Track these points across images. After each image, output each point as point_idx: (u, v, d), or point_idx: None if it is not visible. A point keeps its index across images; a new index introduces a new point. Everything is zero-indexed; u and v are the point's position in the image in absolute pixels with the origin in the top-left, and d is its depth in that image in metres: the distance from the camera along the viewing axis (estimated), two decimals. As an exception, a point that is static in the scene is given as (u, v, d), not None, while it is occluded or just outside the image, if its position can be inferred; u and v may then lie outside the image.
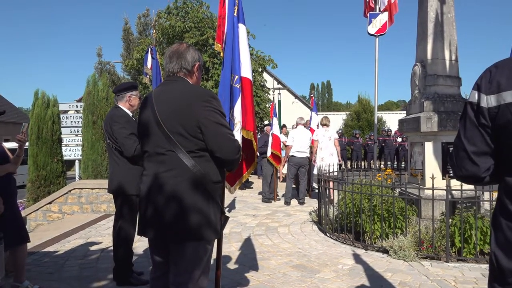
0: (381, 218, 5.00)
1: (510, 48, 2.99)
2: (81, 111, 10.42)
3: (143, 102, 2.31)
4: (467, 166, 1.33)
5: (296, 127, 8.97)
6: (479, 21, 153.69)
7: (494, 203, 4.53)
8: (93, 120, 9.51)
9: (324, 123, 8.93)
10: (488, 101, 1.23)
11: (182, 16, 16.11)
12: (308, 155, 8.66)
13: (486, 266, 4.30)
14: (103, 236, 5.91)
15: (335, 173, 7.11)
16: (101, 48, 27.79)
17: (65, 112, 12.43)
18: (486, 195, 5.07)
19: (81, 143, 10.22)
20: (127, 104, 3.87)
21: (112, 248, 3.99)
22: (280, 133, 9.98)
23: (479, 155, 1.29)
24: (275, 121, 9.78)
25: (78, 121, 11.06)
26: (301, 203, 8.66)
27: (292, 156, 8.58)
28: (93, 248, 5.26)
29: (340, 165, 9.13)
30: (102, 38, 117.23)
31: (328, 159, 8.42)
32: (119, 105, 3.87)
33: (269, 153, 9.11)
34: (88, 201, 7.80)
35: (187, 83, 2.22)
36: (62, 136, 10.03)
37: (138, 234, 2.21)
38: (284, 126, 12.74)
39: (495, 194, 5.10)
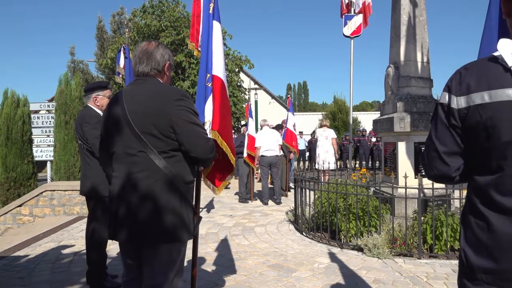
0: (356, 217, 5.08)
1: (478, 51, 3.09)
2: (53, 111, 10.15)
3: (111, 101, 2.24)
4: (438, 166, 1.36)
5: (261, 129, 9.20)
6: (449, 28, 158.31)
7: (464, 201, 4.69)
8: (66, 120, 9.28)
9: (324, 124, 10.29)
10: (458, 102, 1.25)
11: (157, 15, 15.92)
12: (277, 153, 8.80)
13: (457, 262, 4.41)
14: (76, 239, 5.76)
15: (330, 167, 8.71)
16: (74, 46, 27.18)
17: (36, 112, 12.07)
18: (456, 193, 5.23)
19: (53, 143, 9.96)
20: (95, 104, 3.79)
21: (85, 251, 3.90)
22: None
23: (450, 155, 1.32)
24: (251, 121, 9.79)
25: (50, 121, 10.76)
26: (278, 203, 8.71)
27: (262, 156, 8.73)
28: (65, 251, 5.13)
29: (336, 161, 10.64)
30: (75, 36, 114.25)
31: (323, 155, 9.78)
32: (89, 105, 3.80)
33: (245, 154, 9.13)
34: (60, 203, 7.59)
35: (158, 82, 2.18)
36: (33, 136, 9.75)
37: (109, 238, 2.14)
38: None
39: (465, 192, 5.26)
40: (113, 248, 4.97)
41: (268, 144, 8.68)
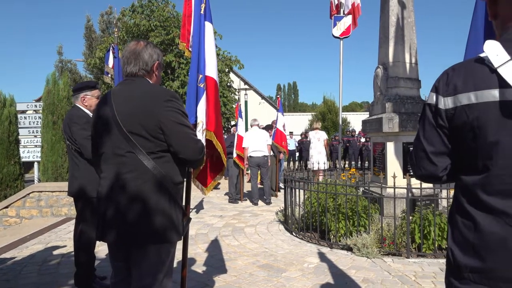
0: (346, 217, 5.11)
1: (464, 52, 3.14)
2: (40, 111, 10.01)
3: (100, 101, 2.22)
4: (426, 166, 1.37)
5: (251, 128, 9.20)
6: (437, 28, 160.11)
7: (451, 200, 4.75)
8: (53, 120, 9.15)
9: (316, 127, 10.95)
10: (445, 103, 1.27)
11: (147, 14, 15.83)
12: (266, 154, 8.78)
13: (444, 261, 4.47)
14: (64, 240, 5.70)
15: (322, 167, 9.27)
16: (61, 46, 26.85)
17: (23, 112, 11.89)
18: (444, 193, 5.29)
19: (40, 144, 9.81)
20: (83, 104, 3.75)
21: (73, 252, 3.86)
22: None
23: (437, 155, 1.34)
24: (240, 121, 9.79)
25: (37, 122, 10.60)
26: (268, 203, 8.71)
27: (250, 156, 8.73)
28: (53, 253, 5.07)
29: (329, 161, 11.70)
30: (63, 35, 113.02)
31: (316, 157, 10.40)
32: (77, 105, 3.76)
33: (234, 154, 9.12)
34: (48, 205, 7.50)
35: (147, 82, 2.16)
36: (19, 137, 9.59)
37: (96, 239, 2.12)
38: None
39: (452, 192, 5.35)
40: (101, 249, 4.93)
41: (256, 144, 8.67)
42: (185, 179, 2.33)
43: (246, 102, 21.67)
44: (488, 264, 1.16)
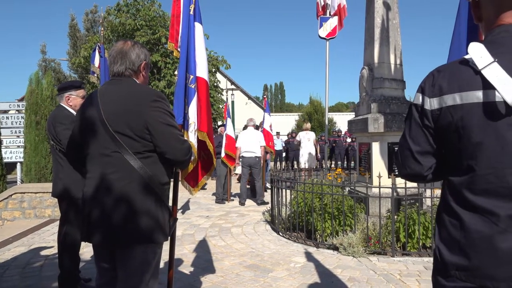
0: (332, 216, 5.14)
1: (448, 54, 3.19)
2: (23, 111, 9.82)
3: (86, 101, 2.20)
4: (411, 165, 1.39)
5: (246, 128, 9.20)
6: (423, 28, 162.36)
7: (436, 199, 4.82)
8: (37, 120, 8.99)
9: (306, 128, 11.78)
10: (431, 103, 1.29)
11: (132, 13, 15.67)
12: (258, 155, 8.77)
13: (429, 259, 4.55)
14: (47, 242, 5.60)
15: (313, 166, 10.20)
16: (45, 44, 26.51)
17: (5, 112, 11.65)
18: (428, 192, 5.37)
19: (23, 144, 9.63)
20: (68, 104, 3.71)
21: (57, 254, 3.80)
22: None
23: (423, 155, 1.36)
24: (229, 121, 9.77)
25: (20, 122, 10.41)
26: (259, 203, 8.63)
27: (242, 156, 8.78)
28: (36, 255, 4.98)
29: (319, 161, 12.60)
30: (47, 34, 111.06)
31: (306, 156, 11.28)
32: (62, 105, 3.71)
33: (223, 154, 9.09)
34: (31, 206, 7.37)
35: (134, 82, 2.14)
36: (1, 137, 9.40)
37: (82, 240, 2.10)
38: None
39: (436, 191, 5.41)
40: (86, 251, 4.87)
41: (249, 145, 8.71)
42: (172, 180, 2.32)
43: (233, 103, 21.64)
44: (474, 262, 1.18)
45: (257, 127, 10.06)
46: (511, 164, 1.15)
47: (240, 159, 8.83)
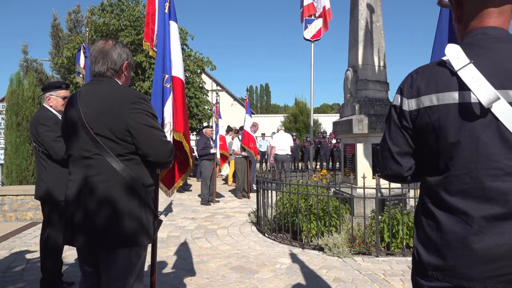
0: (317, 217, 5.17)
1: (430, 55, 3.25)
2: (4, 112, 9.62)
3: (67, 102, 2.16)
4: (392, 166, 1.41)
5: (277, 132, 11.52)
6: (405, 30, 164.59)
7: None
8: (18, 121, 8.82)
9: (280, 128, 12.05)
10: (409, 104, 1.31)
11: (117, 13, 15.50)
12: (289, 153, 10.89)
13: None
14: (29, 245, 5.50)
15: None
16: (27, 44, 25.90)
17: (-15, 113, 11.41)
18: (411, 193, 5.44)
19: (3, 146, 9.44)
20: (49, 104, 3.65)
21: (39, 258, 3.73)
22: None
23: (402, 156, 1.37)
24: (221, 122, 9.82)
25: (0, 123, 10.21)
26: (240, 197, 9.85)
27: (276, 154, 10.94)
28: (17, 259, 4.88)
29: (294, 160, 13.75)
30: (29, 34, 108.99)
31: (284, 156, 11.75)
32: (45, 105, 3.65)
33: (218, 155, 9.34)
34: (12, 209, 7.21)
35: (115, 83, 2.11)
36: (-19, 139, 9.21)
37: (64, 244, 2.06)
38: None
39: (419, 192, 5.51)
40: (69, 254, 4.79)
41: (282, 145, 10.96)
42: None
43: (218, 104, 21.53)
44: (449, 262, 1.20)
45: (237, 131, 10.58)
46: (485, 165, 1.17)
47: (274, 156, 10.93)
